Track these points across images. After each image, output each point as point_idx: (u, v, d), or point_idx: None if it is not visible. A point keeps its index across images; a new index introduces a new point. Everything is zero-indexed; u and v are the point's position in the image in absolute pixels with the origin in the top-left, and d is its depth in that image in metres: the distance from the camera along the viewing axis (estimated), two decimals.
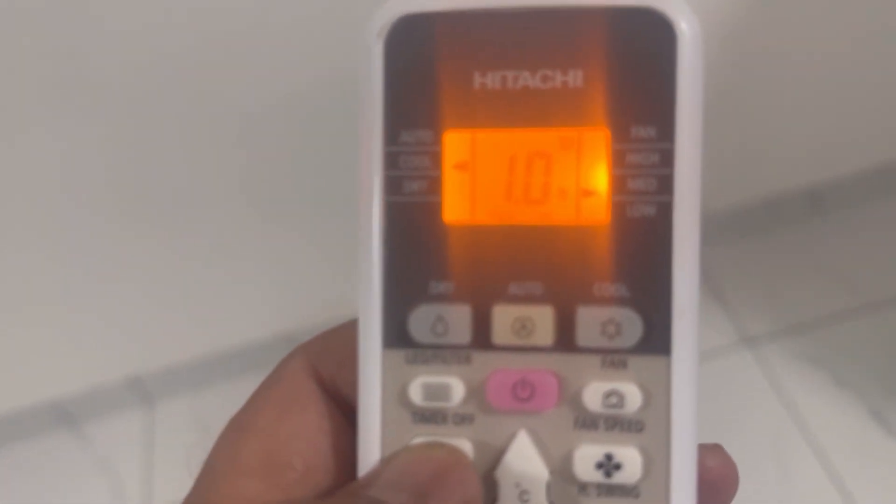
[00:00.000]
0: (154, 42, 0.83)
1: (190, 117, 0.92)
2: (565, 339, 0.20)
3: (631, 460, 0.20)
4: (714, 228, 1.27)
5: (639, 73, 0.20)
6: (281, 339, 1.24)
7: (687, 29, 0.20)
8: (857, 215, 1.29)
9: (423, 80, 0.20)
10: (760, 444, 1.11)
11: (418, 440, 0.21)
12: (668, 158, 0.20)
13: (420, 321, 0.20)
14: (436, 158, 0.20)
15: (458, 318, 0.20)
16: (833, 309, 1.21)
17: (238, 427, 0.22)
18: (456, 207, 0.20)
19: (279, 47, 0.87)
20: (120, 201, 0.99)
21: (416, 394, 0.20)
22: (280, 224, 1.09)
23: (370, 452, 0.21)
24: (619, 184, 0.20)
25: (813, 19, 1.03)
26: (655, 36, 0.20)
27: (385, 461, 0.20)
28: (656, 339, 0.20)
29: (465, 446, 0.20)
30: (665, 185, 0.20)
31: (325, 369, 0.22)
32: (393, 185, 0.20)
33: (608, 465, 0.20)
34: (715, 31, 0.99)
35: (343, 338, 0.22)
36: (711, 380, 1.17)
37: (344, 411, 0.22)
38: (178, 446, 1.22)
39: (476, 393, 0.20)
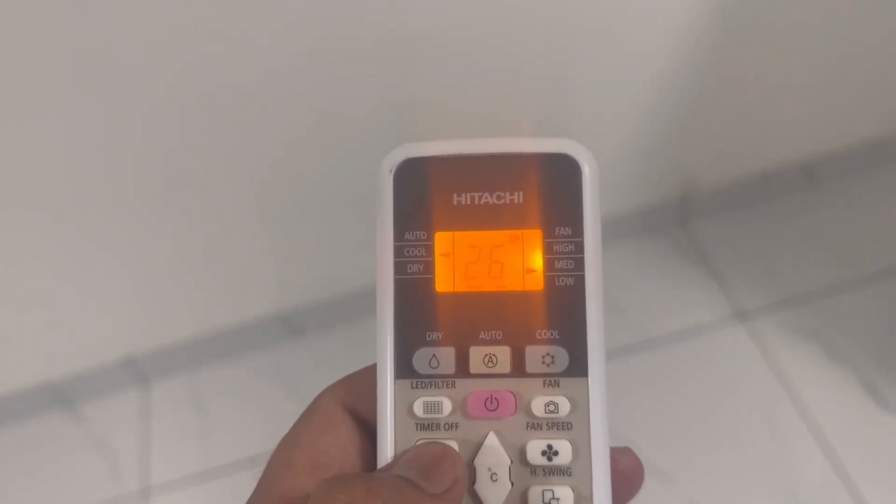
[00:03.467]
0: (159, 26, 0.88)
1: (187, 95, 0.96)
2: (519, 368, 0.32)
3: (564, 449, 0.31)
4: (708, 203, 1.34)
5: (559, 194, 0.32)
6: (275, 317, 1.30)
7: (588, 167, 0.32)
8: (849, 188, 1.35)
9: (419, 199, 0.33)
10: (754, 418, 1.18)
11: (421, 441, 0.32)
12: (579, 248, 0.32)
13: (420, 359, 0.32)
14: (429, 250, 0.32)
15: (446, 356, 0.32)
16: (826, 282, 1.28)
17: (289, 442, 0.33)
18: (443, 281, 0.32)
19: (275, 31, 0.92)
20: (114, 181, 1.03)
21: (418, 409, 0.32)
22: (275, 203, 1.14)
23: (386, 451, 0.32)
24: (549, 264, 0.32)
25: None
26: (568, 171, 0.32)
27: (398, 455, 0.32)
28: (578, 366, 0.31)
29: (453, 444, 0.32)
30: (579, 264, 0.32)
31: (350, 401, 0.33)
32: (400, 267, 0.32)
33: (549, 453, 0.31)
34: (712, 7, 1.04)
35: (363, 378, 0.33)
36: (705, 354, 1.24)
37: (364, 430, 0.33)
38: (175, 425, 1.29)
39: (459, 407, 0.32)
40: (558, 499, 0.31)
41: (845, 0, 1.11)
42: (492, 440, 0.32)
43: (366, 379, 0.33)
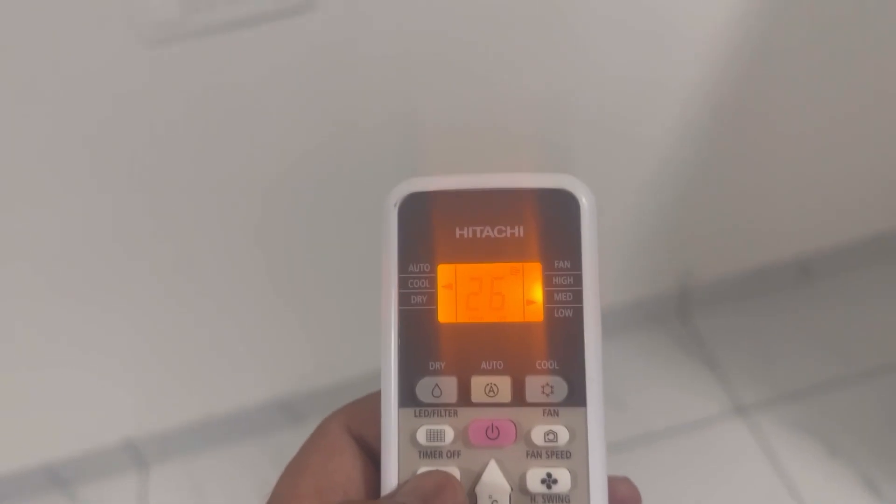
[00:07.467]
0: (165, 96, 0.89)
1: (193, 183, 0.98)
2: (519, 397, 0.33)
3: (563, 477, 0.32)
4: (706, 298, 1.35)
5: (558, 228, 0.33)
6: (273, 404, 1.30)
7: (586, 202, 0.33)
8: (845, 284, 1.37)
9: (423, 232, 0.34)
10: None
11: (423, 469, 0.33)
12: (578, 280, 0.33)
13: (424, 388, 0.33)
14: (432, 281, 0.33)
15: (449, 386, 0.33)
16: (825, 377, 1.28)
17: (295, 468, 0.33)
18: (446, 312, 0.33)
19: (292, 107, 0.93)
20: (114, 266, 1.04)
21: (421, 437, 0.33)
22: (273, 292, 1.15)
23: (390, 478, 0.33)
24: (548, 296, 0.33)
25: (801, 93, 1.11)
26: (567, 206, 0.33)
27: (401, 483, 0.32)
28: (576, 396, 0.32)
29: (455, 472, 0.32)
30: (577, 297, 0.33)
31: (354, 427, 0.34)
32: (404, 298, 0.33)
33: (549, 481, 0.32)
34: (707, 103, 1.07)
35: (367, 405, 0.34)
36: (705, 448, 1.24)
37: (368, 456, 0.34)
38: None
39: (461, 435, 0.33)
40: None
41: (840, 98, 1.14)
42: (492, 468, 0.32)
43: (370, 406, 0.34)
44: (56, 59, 0.83)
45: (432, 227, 0.34)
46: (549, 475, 0.32)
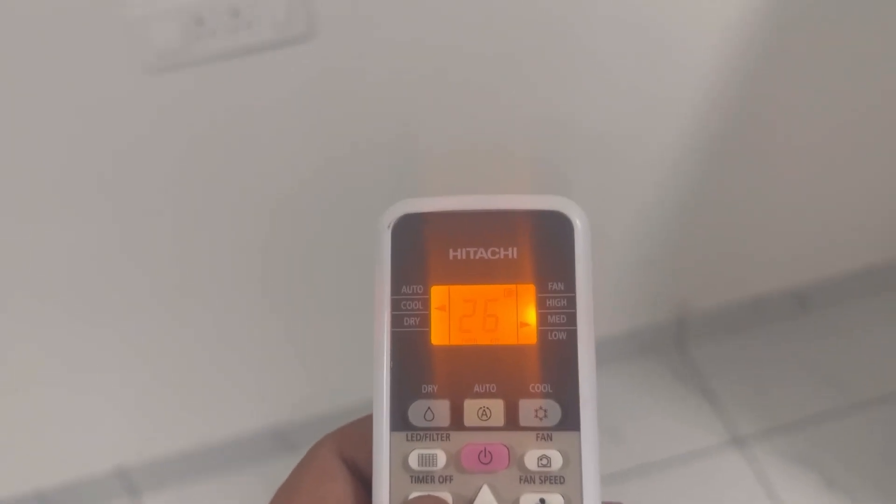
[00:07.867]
0: (168, 122, 0.89)
1: (191, 209, 0.98)
2: (512, 421, 0.32)
3: (557, 503, 0.31)
4: (702, 328, 1.35)
5: (551, 250, 0.33)
6: (268, 432, 1.29)
7: (580, 223, 0.33)
8: (842, 315, 1.37)
9: (416, 253, 0.34)
10: None
11: (415, 494, 0.32)
12: (571, 303, 0.33)
13: (416, 411, 0.32)
14: (425, 303, 0.33)
15: (441, 409, 0.32)
16: (822, 408, 1.28)
17: (288, 490, 0.33)
18: (439, 334, 0.33)
19: (291, 133, 0.94)
20: (109, 293, 1.04)
21: (413, 462, 0.32)
22: (268, 320, 1.14)
23: (381, 503, 0.32)
24: (542, 319, 0.33)
25: (798, 123, 1.11)
26: (561, 227, 0.33)
27: None
28: (570, 420, 0.32)
29: (448, 498, 0.32)
30: (571, 319, 0.33)
31: (346, 451, 0.34)
32: (397, 320, 0.33)
33: None
34: (702, 133, 1.07)
35: (358, 428, 0.34)
36: (702, 480, 1.23)
37: (361, 480, 0.33)
38: None
39: (454, 460, 0.32)
40: None
41: (837, 126, 1.14)
42: (485, 493, 0.32)
43: (361, 429, 0.34)
44: (63, 82, 0.83)
45: (426, 249, 0.34)
46: (542, 501, 0.32)
